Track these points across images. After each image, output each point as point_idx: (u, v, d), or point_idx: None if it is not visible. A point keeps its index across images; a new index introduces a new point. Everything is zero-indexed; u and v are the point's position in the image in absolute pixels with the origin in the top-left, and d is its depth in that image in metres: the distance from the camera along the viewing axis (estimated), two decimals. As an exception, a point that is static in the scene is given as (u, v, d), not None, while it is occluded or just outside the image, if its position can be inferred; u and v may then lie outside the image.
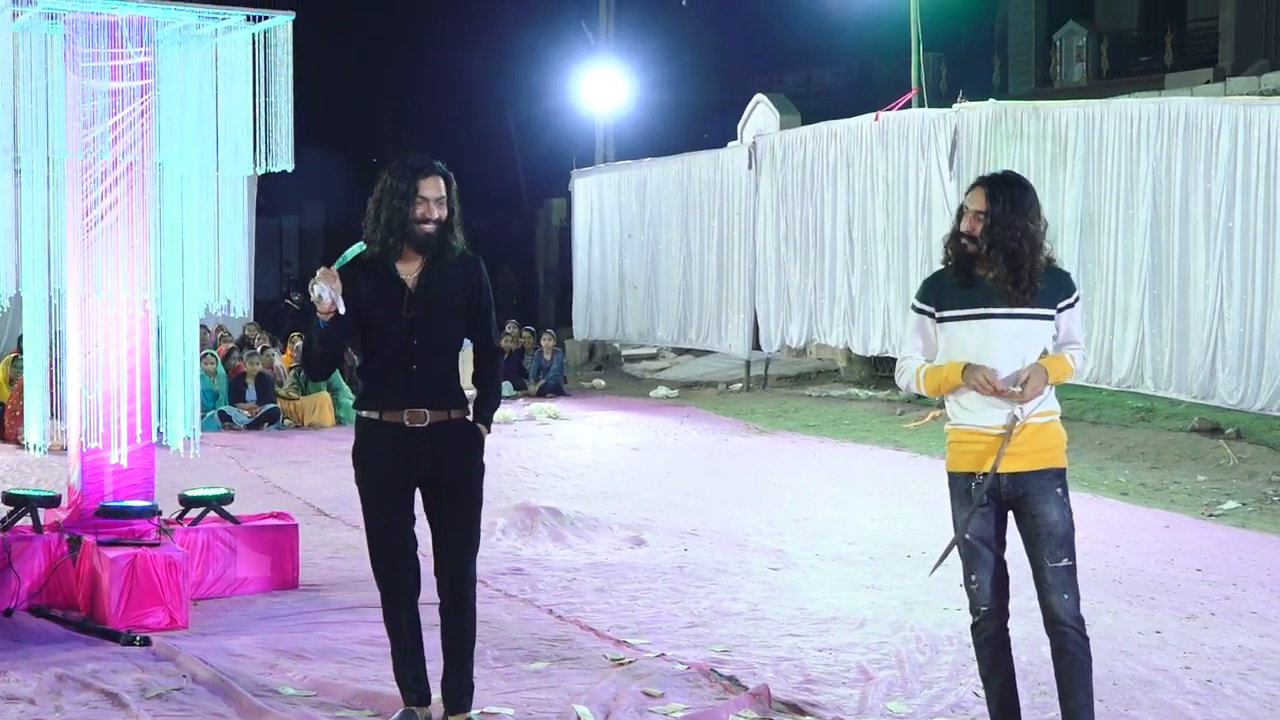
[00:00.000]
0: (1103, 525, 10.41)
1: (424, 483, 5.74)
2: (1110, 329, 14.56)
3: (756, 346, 20.70)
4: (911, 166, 17.30)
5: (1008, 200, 5.27)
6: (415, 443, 5.64)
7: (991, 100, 16.78)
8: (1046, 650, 5.88)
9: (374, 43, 36.23)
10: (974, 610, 5.40)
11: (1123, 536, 10.08)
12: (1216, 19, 29.28)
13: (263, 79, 8.04)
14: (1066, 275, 5.45)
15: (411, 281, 5.63)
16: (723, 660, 6.87)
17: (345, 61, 34.18)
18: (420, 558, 5.83)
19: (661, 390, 21.13)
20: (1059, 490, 5.32)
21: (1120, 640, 7.27)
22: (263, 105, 8.06)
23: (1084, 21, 32.03)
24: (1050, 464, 5.30)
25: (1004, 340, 5.25)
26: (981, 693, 5.68)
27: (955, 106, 16.80)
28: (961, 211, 5.38)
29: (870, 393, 18.93)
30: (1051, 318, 5.32)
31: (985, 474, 5.24)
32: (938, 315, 5.37)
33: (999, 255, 5.23)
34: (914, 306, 5.50)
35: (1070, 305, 5.37)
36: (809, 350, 21.18)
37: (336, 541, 9.97)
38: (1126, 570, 8.99)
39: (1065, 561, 5.30)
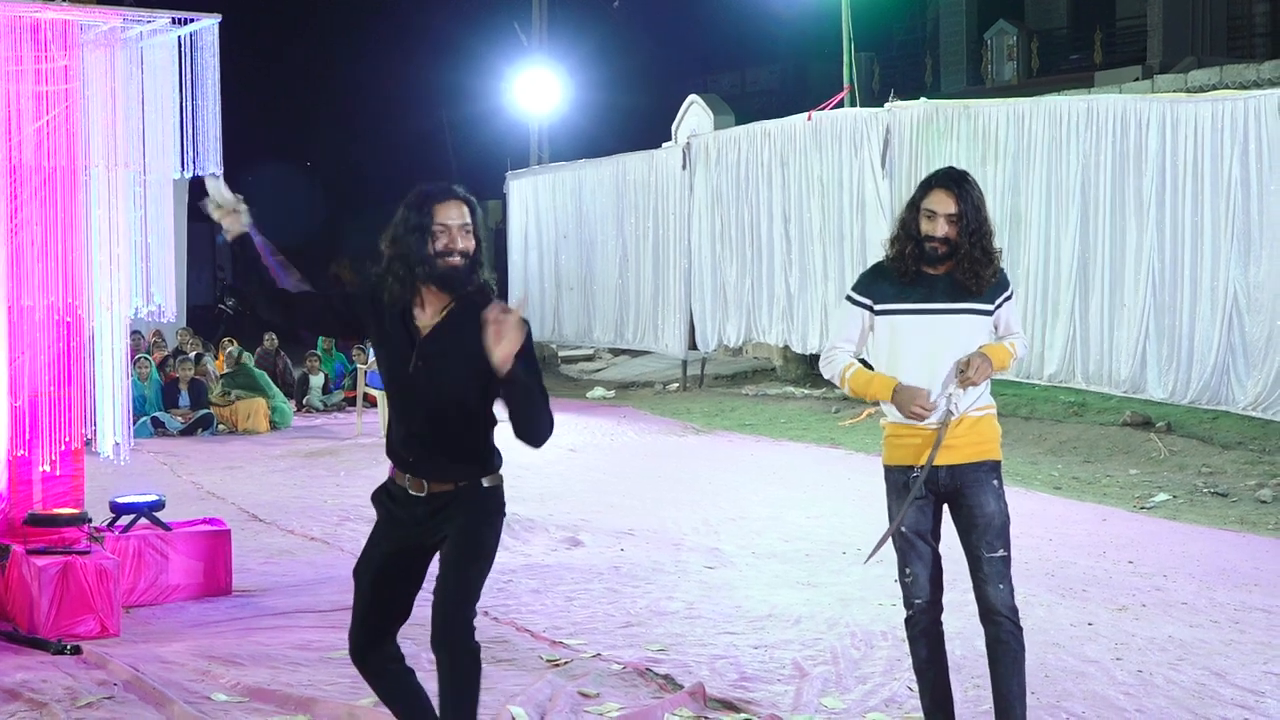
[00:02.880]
0: (1036, 519, 10.50)
1: (426, 548, 4.95)
2: (1042, 325, 14.67)
3: (693, 346, 20.73)
4: (845, 165, 17.37)
5: (971, 198, 5.28)
6: (414, 510, 4.87)
7: (923, 99, 16.88)
8: (980, 644, 5.93)
9: (307, 46, 36.03)
10: (908, 604, 5.42)
11: (1056, 530, 10.16)
12: (1144, 18, 29.59)
13: (189, 82, 7.98)
14: (1003, 270, 5.46)
15: (426, 329, 4.83)
16: (658, 659, 6.88)
17: (278, 64, 33.98)
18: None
19: (598, 391, 21.13)
20: (995, 482, 5.37)
21: (1052, 632, 7.33)
22: (190, 109, 7.99)
23: (1014, 21, 32.29)
24: (987, 456, 5.34)
25: (948, 334, 5.27)
26: (915, 687, 5.70)
27: (887, 105, 16.89)
28: (914, 213, 5.32)
29: (806, 391, 19.00)
30: (991, 313, 5.35)
31: (922, 467, 5.26)
32: (875, 308, 5.36)
33: (976, 254, 5.25)
34: (849, 298, 5.47)
35: (1008, 299, 5.41)
36: (745, 349, 21.24)
37: (270, 547, 9.91)
38: (1059, 563, 9.06)
39: (1001, 552, 5.35)
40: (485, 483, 4.85)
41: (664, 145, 22.29)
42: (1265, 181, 12.40)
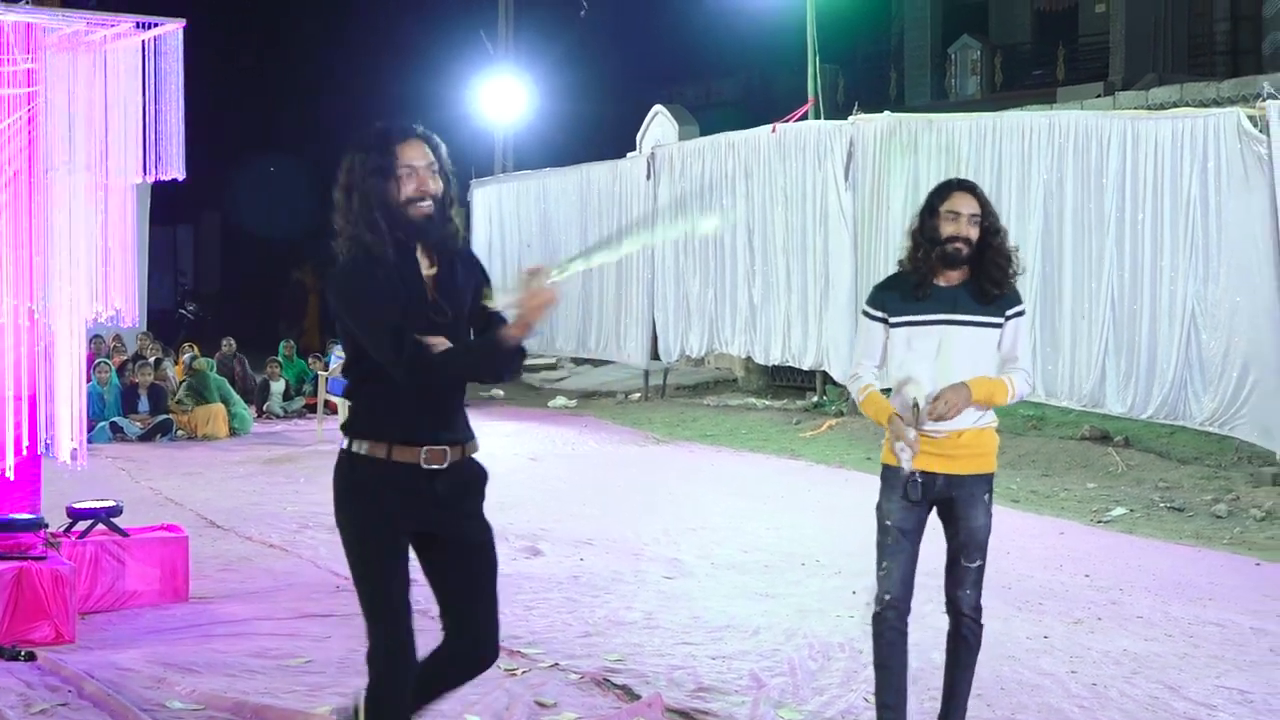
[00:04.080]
0: (993, 533, 10.49)
1: (427, 537, 4.58)
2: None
3: (655, 356, 20.73)
4: (809, 177, 17.42)
5: (988, 202, 5.43)
6: (433, 487, 4.45)
7: (886, 112, 16.94)
8: (937, 656, 5.99)
9: (271, 52, 35.94)
10: (878, 599, 5.52)
11: (1013, 543, 10.19)
12: (1107, 35, 29.78)
13: (153, 86, 7.96)
14: (1016, 287, 5.56)
15: (431, 278, 4.47)
16: (616, 669, 6.88)
17: (243, 70, 33.88)
18: None
19: (560, 400, 21.12)
20: (986, 497, 5.51)
21: (1008, 645, 7.37)
22: (153, 113, 7.97)
23: (978, 35, 32.45)
24: (984, 469, 5.48)
25: (960, 346, 5.38)
26: (872, 699, 5.74)
27: (851, 118, 16.94)
28: (933, 218, 5.42)
29: (767, 402, 19.05)
30: (1001, 325, 5.46)
31: (924, 472, 5.37)
32: (891, 320, 5.47)
33: (998, 255, 5.38)
34: (865, 313, 5.57)
35: (1018, 314, 5.51)
36: (708, 360, 21.26)
37: (228, 554, 9.88)
38: (1016, 576, 9.10)
39: (978, 562, 5.54)
40: (477, 447, 4.60)
41: (629, 155, 22.30)
42: (1224, 199, 12.50)
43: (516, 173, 26.00)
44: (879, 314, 5.51)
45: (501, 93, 27.91)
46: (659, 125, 22.43)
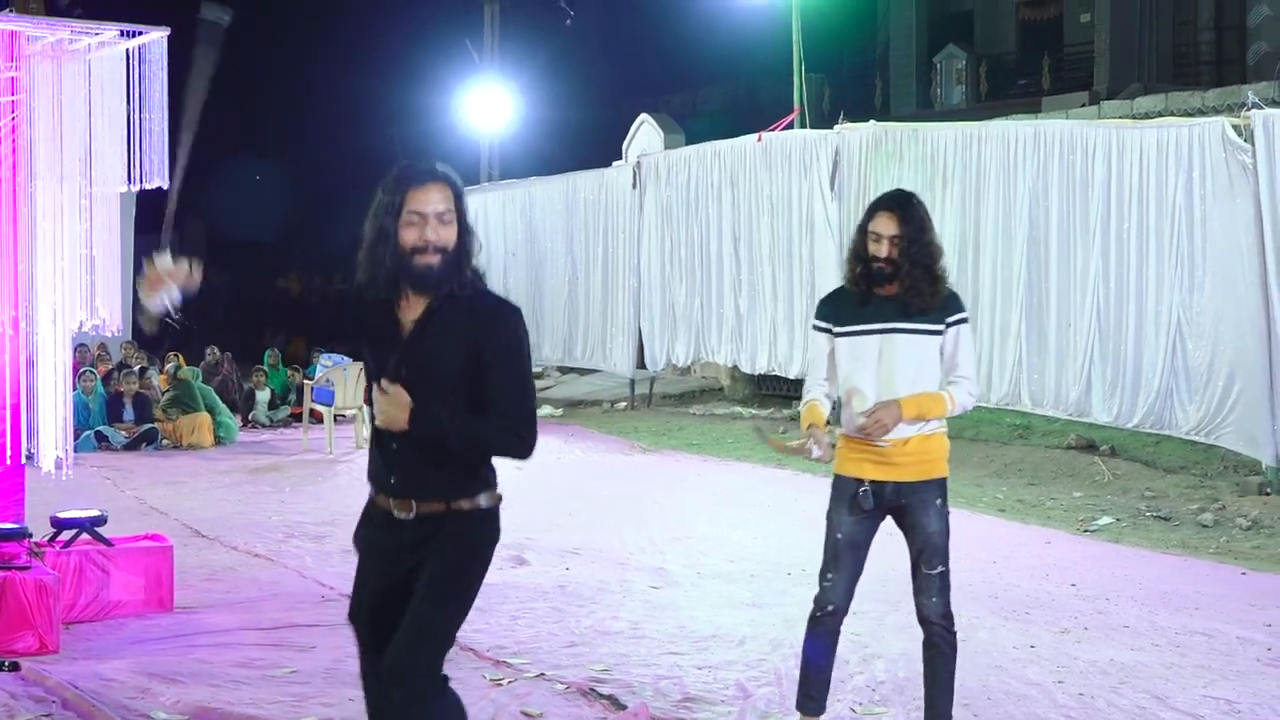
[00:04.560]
0: (980, 542, 10.54)
1: (405, 578, 4.36)
2: (989, 347, 14.74)
3: (641, 365, 20.73)
4: (794, 186, 17.43)
5: (915, 220, 5.48)
6: (400, 536, 4.31)
7: (872, 122, 16.96)
8: (922, 665, 5.96)
9: (257, 61, 35.88)
10: (820, 605, 5.65)
11: (999, 552, 10.21)
12: (1092, 44, 29.87)
13: (137, 95, 7.93)
14: (955, 293, 5.64)
15: (408, 328, 4.27)
16: (602, 679, 6.86)
17: (226, 79, 33.83)
18: None
19: (546, 409, 21.09)
20: (939, 501, 5.59)
21: (995, 655, 7.36)
22: (137, 122, 7.94)
23: (964, 45, 32.54)
24: (933, 475, 5.56)
25: (900, 353, 5.47)
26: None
27: (836, 128, 16.96)
28: (862, 237, 5.53)
29: (754, 411, 19.04)
30: (941, 332, 5.52)
31: (873, 481, 5.49)
32: (835, 331, 5.59)
33: (919, 273, 5.44)
34: (814, 325, 5.72)
35: (960, 321, 5.56)
36: (694, 369, 21.26)
37: (213, 563, 9.85)
38: (1003, 586, 9.10)
39: (939, 569, 5.60)
40: (482, 502, 4.33)
41: (614, 164, 22.31)
42: (1209, 208, 12.52)
43: (502, 181, 26.00)
44: (824, 325, 5.66)
45: (487, 101, 27.91)
46: (645, 134, 22.44)
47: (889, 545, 5.51)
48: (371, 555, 4.43)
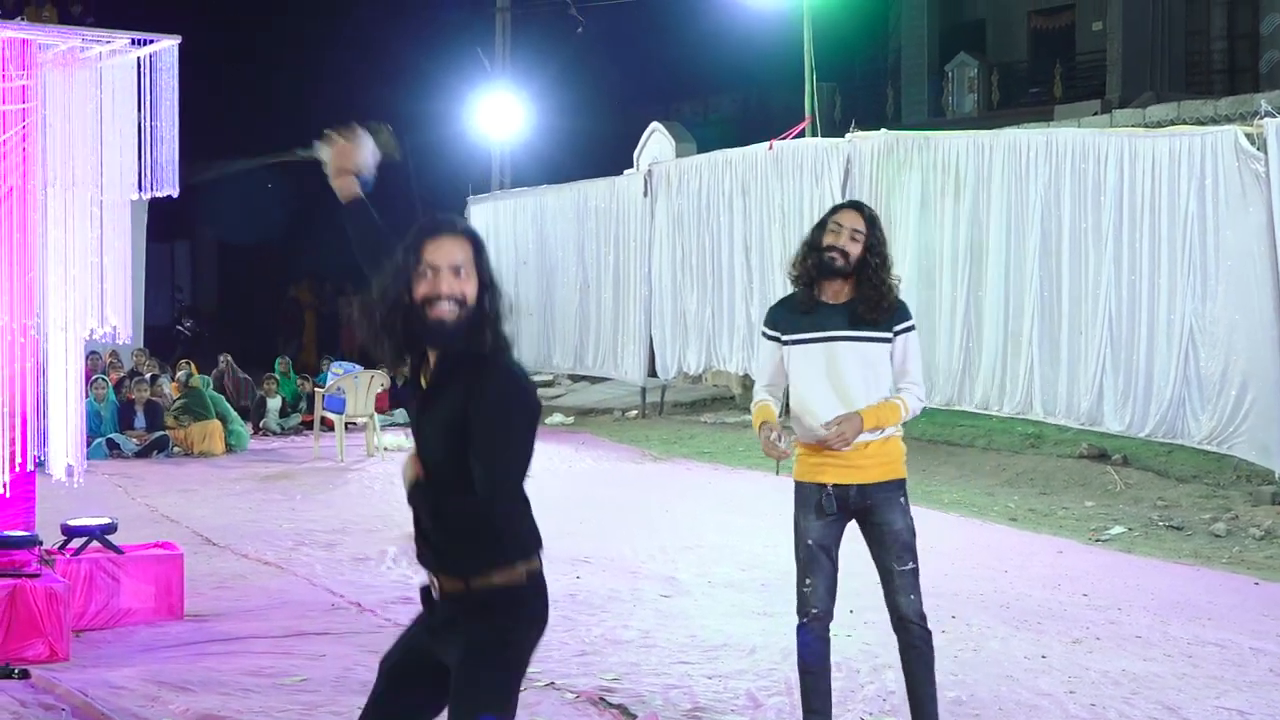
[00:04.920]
0: (992, 551, 10.53)
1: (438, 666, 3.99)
2: (1002, 356, 14.71)
3: (653, 373, 20.70)
4: (806, 194, 17.41)
5: (878, 227, 5.69)
6: (434, 613, 4.01)
7: (883, 130, 16.94)
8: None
9: (268, 69, 35.95)
10: (803, 612, 5.68)
11: (1011, 562, 10.18)
12: (1104, 53, 29.85)
13: (148, 103, 7.94)
14: (904, 303, 5.79)
15: (426, 387, 4.01)
16: (613, 688, 6.85)
17: (239, 87, 33.89)
18: None
19: (557, 417, 21.09)
20: (902, 500, 5.71)
21: (1006, 665, 7.34)
22: (148, 129, 7.95)
23: (975, 53, 32.52)
24: (894, 475, 5.70)
25: (849, 361, 5.60)
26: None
27: (848, 136, 16.94)
28: (819, 230, 5.70)
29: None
30: (890, 340, 5.65)
31: (835, 485, 5.59)
32: (784, 339, 5.73)
33: (874, 280, 5.59)
34: (763, 333, 5.86)
35: (907, 330, 5.70)
36: (705, 377, 21.23)
37: (223, 571, 9.84)
38: (1014, 595, 9.08)
39: (910, 565, 5.66)
40: (498, 580, 3.92)
41: (626, 172, 22.29)
42: (1221, 217, 12.49)
43: (513, 189, 26.00)
44: (773, 333, 5.80)
45: (499, 109, 27.92)
46: (656, 142, 22.43)
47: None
48: (421, 621, 4.11)
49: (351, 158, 4.44)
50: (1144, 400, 13.19)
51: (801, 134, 18.79)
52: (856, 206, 5.78)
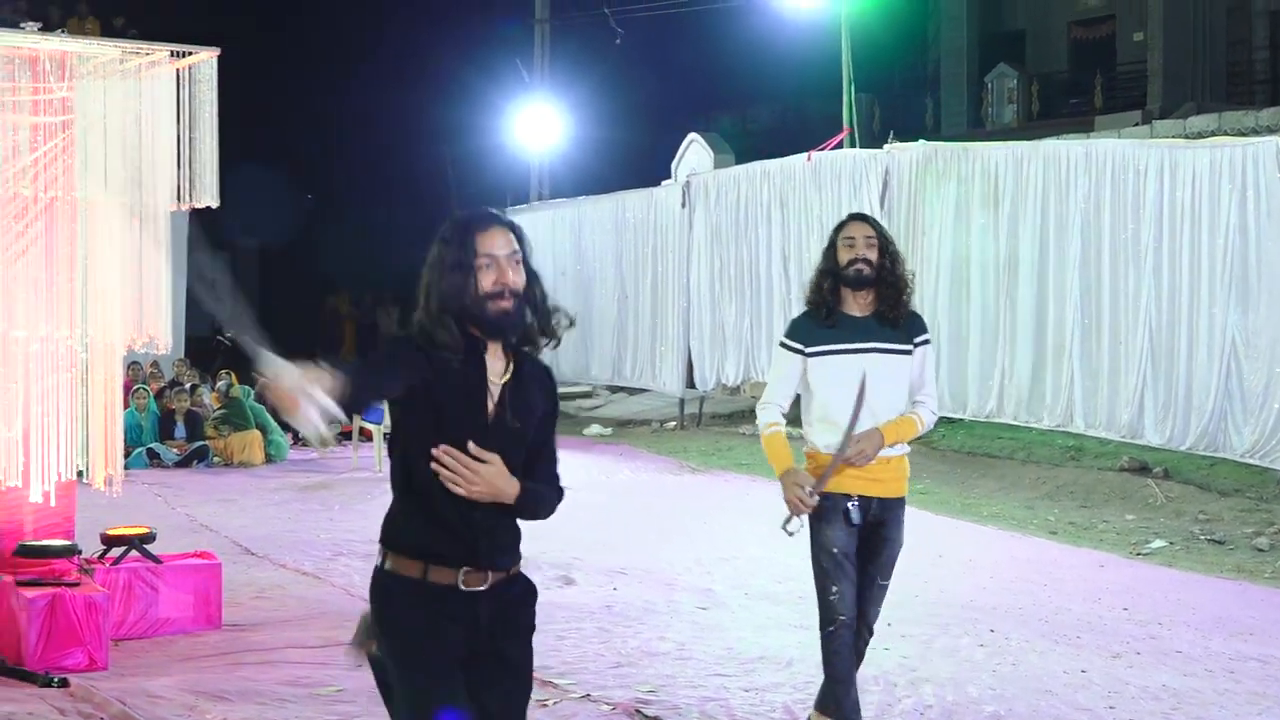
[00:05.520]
0: (1031, 565, 10.47)
1: (472, 657, 3.97)
2: (1041, 368, 14.64)
3: (691, 384, 20.68)
4: (845, 206, 17.32)
5: (882, 228, 5.83)
6: (474, 611, 3.94)
7: (922, 141, 16.89)
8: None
9: (308, 80, 36.12)
10: (830, 620, 5.75)
11: (1051, 575, 10.12)
12: (1145, 63, 29.68)
13: (187, 115, 7.98)
14: (919, 315, 5.91)
15: (497, 385, 3.94)
16: (649, 701, 6.84)
17: (279, 98, 34.02)
18: None
19: (595, 428, 21.08)
20: (903, 518, 5.86)
21: (1045, 680, 7.29)
22: (187, 141, 7.99)
23: (1015, 64, 32.39)
24: (903, 492, 5.87)
25: (876, 373, 5.65)
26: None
27: (886, 147, 16.90)
28: (831, 249, 5.80)
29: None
30: (910, 352, 5.75)
31: (860, 496, 5.68)
32: (807, 351, 5.77)
33: (893, 280, 5.71)
34: (783, 344, 5.89)
35: (925, 342, 5.82)
36: (744, 388, 21.19)
37: (262, 581, 9.87)
38: (1053, 609, 9.02)
39: (889, 581, 5.87)
40: (522, 568, 4.11)
41: (663, 183, 22.29)
42: (1263, 228, 12.41)
43: (552, 200, 26.04)
44: (795, 344, 5.83)
45: (537, 121, 27.96)
46: (694, 153, 22.42)
47: (939, 569, 5.49)
48: (433, 630, 3.92)
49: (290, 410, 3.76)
50: (1185, 413, 13.10)
51: (840, 145, 18.76)
52: (858, 217, 5.90)
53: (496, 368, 3.94)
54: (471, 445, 3.83)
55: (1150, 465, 14.01)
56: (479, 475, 3.83)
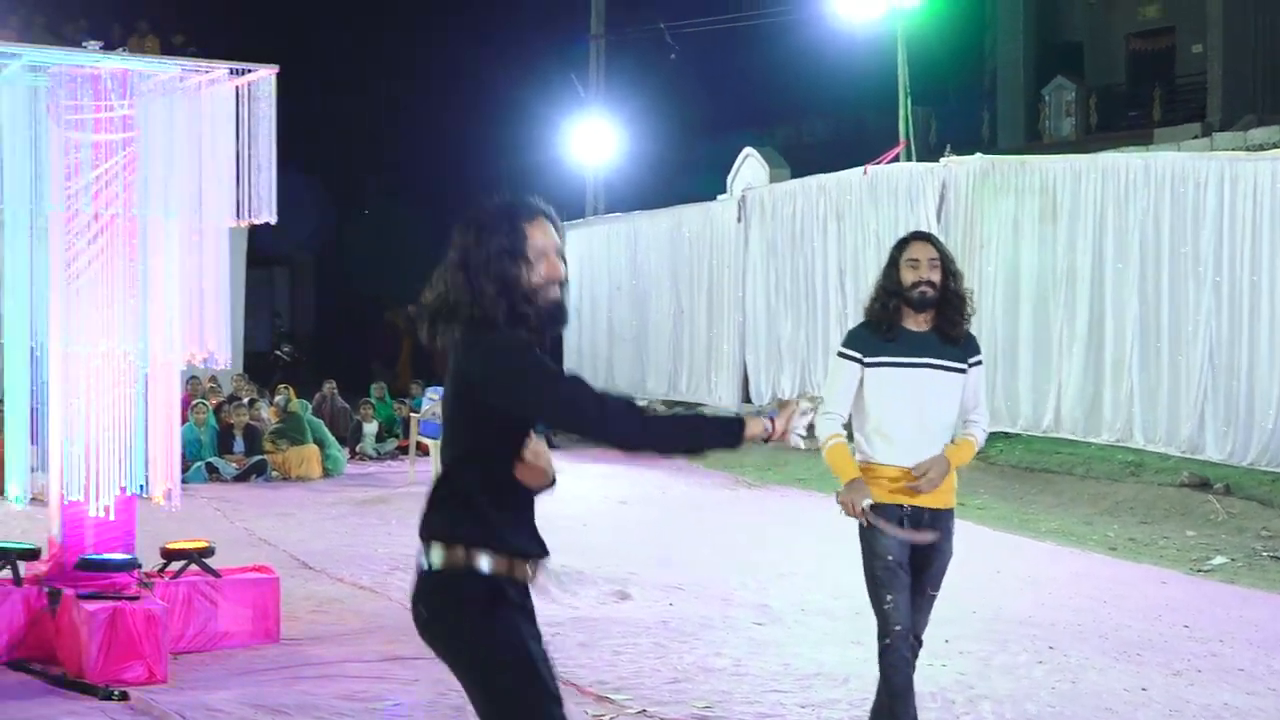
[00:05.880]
0: (1090, 581, 10.38)
1: None
2: (1100, 383, 14.55)
3: (746, 399, 20.65)
4: (901, 220, 17.31)
5: (944, 248, 5.81)
6: (527, 597, 4.03)
7: (978, 154, 16.83)
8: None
9: (365, 96, 36.35)
10: (887, 632, 5.72)
11: (1111, 592, 10.03)
12: (1205, 75, 29.46)
13: (246, 131, 8.04)
14: (974, 336, 5.92)
15: None
16: (705, 716, 6.83)
17: (336, 114, 34.27)
18: None
19: (651, 443, 21.05)
20: (953, 529, 5.87)
21: (1105, 697, 7.22)
22: (246, 157, 8.05)
23: (1073, 77, 32.20)
24: (953, 504, 5.86)
25: (933, 388, 5.70)
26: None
27: (943, 160, 16.85)
28: (894, 269, 5.76)
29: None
30: (965, 371, 5.77)
31: (913, 507, 5.68)
32: (866, 361, 5.75)
33: (955, 299, 5.71)
34: (841, 353, 5.85)
35: (979, 362, 5.86)
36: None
37: (319, 595, 9.91)
38: (1113, 626, 8.94)
39: (938, 592, 5.86)
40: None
41: (719, 198, 22.29)
42: (1326, 241, 12.30)
43: (607, 215, 26.09)
44: (854, 353, 5.80)
45: (592, 136, 28.01)
46: (750, 168, 22.40)
47: (997, 585, 5.46)
48: (532, 637, 3.99)
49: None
50: (1246, 428, 12.99)
51: (896, 158, 18.71)
52: (922, 236, 5.88)
53: None
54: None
55: (1211, 481, 13.87)
56: (542, 463, 3.93)
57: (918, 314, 5.74)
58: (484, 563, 3.88)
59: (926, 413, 5.67)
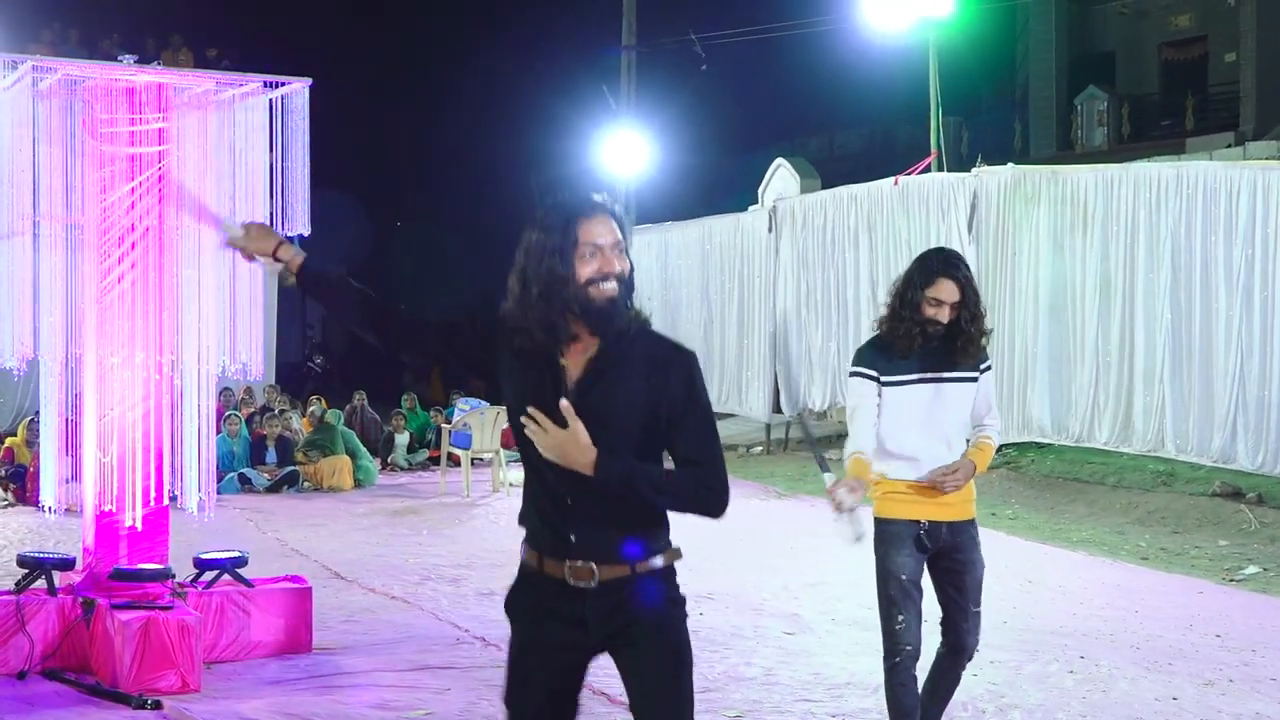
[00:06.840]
0: (1122, 591, 10.35)
1: (608, 650, 3.94)
2: (1132, 392, 14.51)
3: (778, 409, 20.65)
4: (932, 230, 17.30)
5: (970, 282, 5.73)
6: (581, 609, 3.84)
7: (1010, 164, 16.82)
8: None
9: (396, 108, 36.50)
10: (896, 651, 5.70)
11: (1142, 602, 10.01)
12: (1237, 84, 29.36)
13: (279, 144, 8.11)
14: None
15: (576, 371, 3.83)
16: (735, 726, 6.83)
17: (367, 126, 34.42)
18: None
19: (682, 453, 21.07)
20: (978, 539, 5.83)
21: (1136, 707, 7.21)
22: (279, 170, 8.11)
23: (1105, 86, 32.13)
24: (972, 514, 5.82)
25: (947, 401, 5.71)
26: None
27: (974, 170, 16.83)
28: (911, 292, 5.71)
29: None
30: (976, 379, 5.78)
31: (930, 521, 5.67)
32: (882, 379, 5.76)
33: (973, 330, 5.70)
34: (856, 373, 5.84)
35: (988, 369, 5.86)
36: (830, 413, 21.14)
37: (351, 605, 9.95)
38: (1145, 636, 8.92)
39: (980, 608, 5.83)
40: (660, 562, 3.88)
41: (750, 208, 22.31)
42: (1359, 250, 12.25)
43: (638, 226, 26.11)
44: (871, 372, 5.80)
45: (623, 147, 28.05)
46: (780, 178, 22.43)
47: (1028, 595, 5.47)
48: (543, 640, 3.90)
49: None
50: (1278, 438, 12.92)
51: (927, 169, 18.69)
52: (947, 273, 5.66)
53: (579, 354, 3.84)
54: (563, 406, 3.74)
55: (1243, 490, 13.82)
56: (552, 441, 3.74)
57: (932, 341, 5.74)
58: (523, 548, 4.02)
59: (944, 426, 5.70)
